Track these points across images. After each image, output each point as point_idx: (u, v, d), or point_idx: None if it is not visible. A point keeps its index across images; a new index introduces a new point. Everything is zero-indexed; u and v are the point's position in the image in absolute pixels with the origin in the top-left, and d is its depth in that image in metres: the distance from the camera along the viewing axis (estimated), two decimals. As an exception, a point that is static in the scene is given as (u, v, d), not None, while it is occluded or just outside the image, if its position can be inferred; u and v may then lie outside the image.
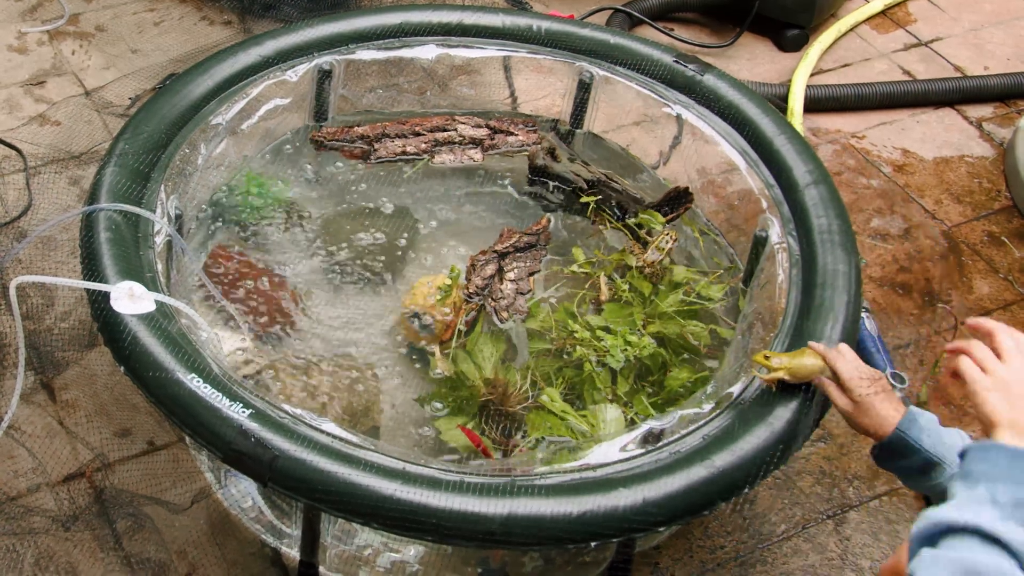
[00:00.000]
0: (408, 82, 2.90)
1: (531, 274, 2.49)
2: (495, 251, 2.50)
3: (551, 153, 2.72)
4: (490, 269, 2.46)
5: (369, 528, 1.94)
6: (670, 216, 2.59)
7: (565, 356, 2.30)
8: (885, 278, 2.94)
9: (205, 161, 2.47)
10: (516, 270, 2.47)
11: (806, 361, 1.92)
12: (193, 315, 2.04)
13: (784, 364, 1.93)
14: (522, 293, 2.44)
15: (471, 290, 2.42)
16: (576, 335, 2.29)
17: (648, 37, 3.19)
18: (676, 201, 2.61)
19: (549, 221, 2.62)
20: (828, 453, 2.49)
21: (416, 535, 1.83)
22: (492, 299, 2.40)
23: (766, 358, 1.94)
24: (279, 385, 2.20)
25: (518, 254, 2.51)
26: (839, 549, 2.31)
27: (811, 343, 1.95)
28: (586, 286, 2.45)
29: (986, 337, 1.69)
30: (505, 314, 2.37)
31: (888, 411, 1.80)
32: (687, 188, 2.61)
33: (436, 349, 2.30)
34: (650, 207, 2.60)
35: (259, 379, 2.20)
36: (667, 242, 2.48)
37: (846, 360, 1.85)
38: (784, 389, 1.98)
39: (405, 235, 2.58)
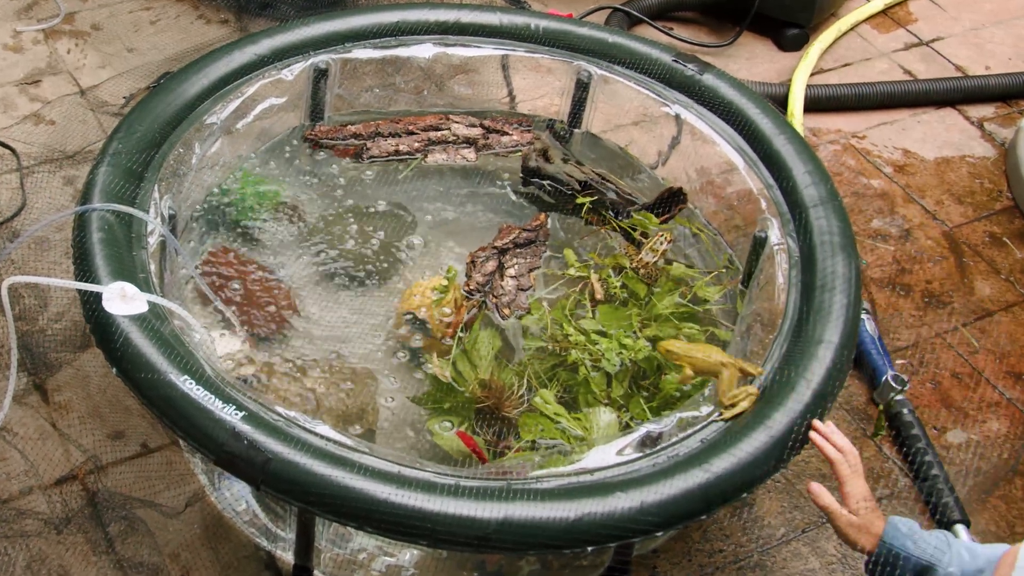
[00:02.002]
0: (405, 81, 2.87)
1: (531, 270, 2.47)
2: (495, 247, 2.49)
3: (544, 154, 2.70)
4: (490, 266, 2.44)
5: (363, 532, 1.92)
6: (664, 217, 2.57)
7: (559, 354, 2.28)
8: (885, 279, 2.91)
9: (200, 161, 2.45)
10: (516, 266, 2.45)
11: (712, 357, 2.00)
12: (186, 316, 2.02)
13: (683, 355, 1.97)
14: (523, 289, 2.42)
15: (472, 287, 2.40)
16: (571, 338, 2.27)
17: (647, 36, 3.17)
18: (670, 202, 2.59)
19: (547, 216, 2.60)
20: (828, 456, 2.46)
21: (411, 539, 1.81)
22: (493, 296, 2.39)
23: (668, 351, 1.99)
24: (273, 387, 2.18)
25: (518, 250, 2.50)
26: (838, 553, 2.29)
27: (812, 489, 1.87)
28: (579, 287, 2.43)
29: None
30: (507, 311, 2.35)
31: (878, 527, 1.80)
32: (680, 188, 2.59)
33: (433, 354, 2.28)
34: (644, 208, 2.58)
35: (253, 381, 2.18)
36: (661, 243, 2.46)
37: (859, 479, 1.86)
38: (783, 393, 1.96)
39: (401, 235, 2.56)
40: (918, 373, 2.68)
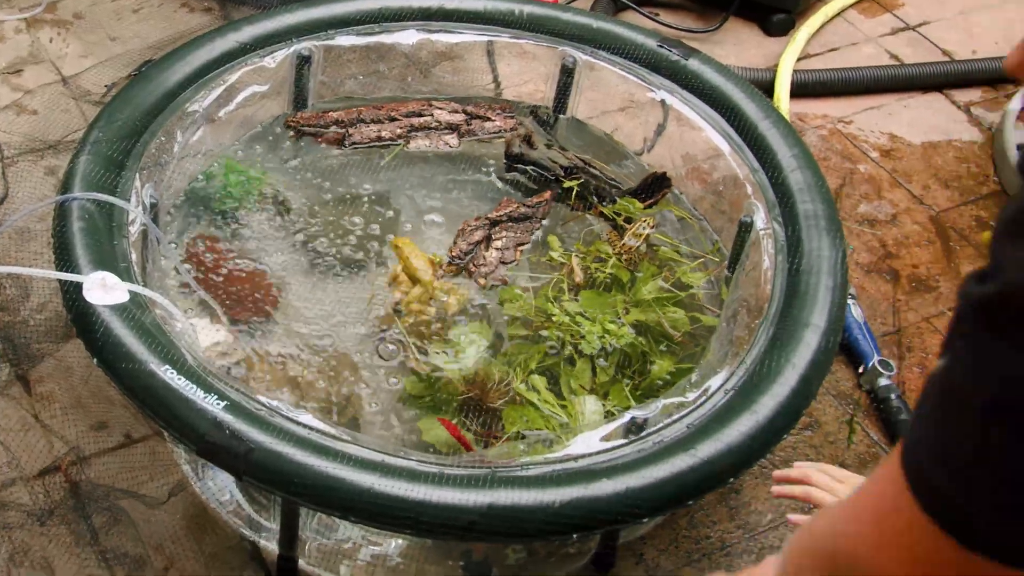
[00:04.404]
0: (389, 68, 2.85)
1: (519, 246, 2.47)
2: (488, 218, 2.49)
3: (527, 140, 2.68)
4: (478, 235, 2.45)
5: (348, 522, 1.91)
6: (648, 202, 2.56)
7: (545, 344, 2.27)
8: (872, 264, 2.91)
9: (182, 149, 2.43)
10: (504, 239, 2.45)
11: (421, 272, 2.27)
12: (168, 305, 2.00)
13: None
14: (505, 263, 2.42)
15: (454, 253, 2.41)
16: (554, 318, 2.26)
17: (633, 22, 3.15)
18: (654, 186, 2.58)
19: (552, 194, 2.59)
20: (815, 441, 2.46)
21: (395, 528, 1.80)
22: (473, 265, 2.39)
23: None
24: (256, 376, 2.17)
25: (510, 224, 2.49)
26: (826, 538, 2.28)
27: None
28: (562, 271, 2.42)
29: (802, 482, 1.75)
30: (483, 280, 2.36)
31: None
32: (664, 173, 2.58)
33: (412, 347, 2.27)
34: (628, 193, 2.57)
35: (235, 370, 2.17)
36: (644, 228, 2.45)
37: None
38: (769, 377, 1.96)
39: (385, 222, 2.54)
40: (905, 358, 2.67)
